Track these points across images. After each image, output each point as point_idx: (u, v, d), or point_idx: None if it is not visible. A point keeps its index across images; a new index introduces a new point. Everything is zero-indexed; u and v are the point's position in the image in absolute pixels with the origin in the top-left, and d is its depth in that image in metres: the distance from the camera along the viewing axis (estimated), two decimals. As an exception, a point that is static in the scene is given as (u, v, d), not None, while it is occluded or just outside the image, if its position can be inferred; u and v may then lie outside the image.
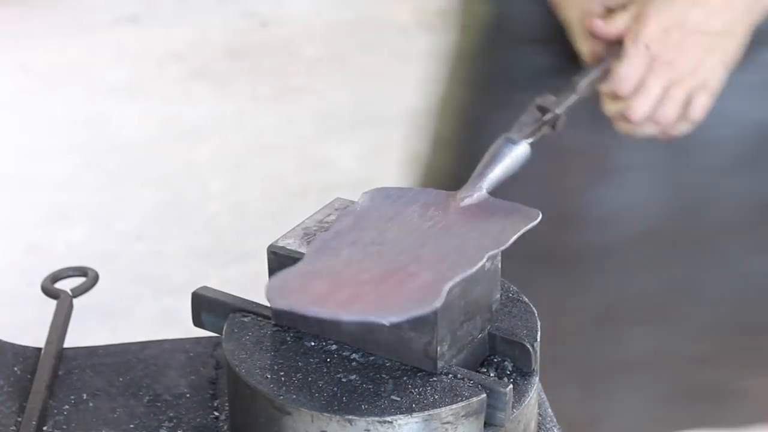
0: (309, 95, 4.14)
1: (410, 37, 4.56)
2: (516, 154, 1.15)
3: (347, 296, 0.95)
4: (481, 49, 1.62)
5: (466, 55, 1.65)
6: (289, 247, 1.02)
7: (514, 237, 1.01)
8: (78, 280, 1.25)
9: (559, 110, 1.24)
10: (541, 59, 1.53)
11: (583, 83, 1.30)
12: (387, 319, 0.93)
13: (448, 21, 1.66)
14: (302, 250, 1.01)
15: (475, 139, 1.50)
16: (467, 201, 1.08)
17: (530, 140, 1.17)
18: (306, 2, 4.86)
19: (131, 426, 1.08)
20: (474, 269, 0.97)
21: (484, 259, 0.98)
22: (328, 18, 4.72)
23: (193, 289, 1.08)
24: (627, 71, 1.32)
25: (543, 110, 1.22)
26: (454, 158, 1.69)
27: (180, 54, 4.45)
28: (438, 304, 0.93)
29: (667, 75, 1.34)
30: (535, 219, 1.04)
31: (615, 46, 1.35)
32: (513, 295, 1.07)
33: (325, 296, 0.95)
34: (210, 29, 4.65)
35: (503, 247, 1.00)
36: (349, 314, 0.94)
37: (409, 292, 0.95)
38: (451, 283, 0.95)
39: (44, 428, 1.07)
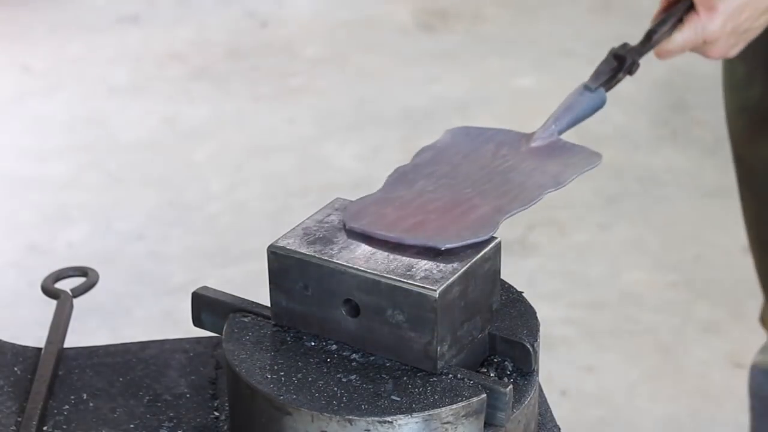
0: (309, 95, 4.14)
1: (410, 37, 4.56)
2: (591, 100, 1.25)
3: (413, 223, 1.03)
4: None
5: None
6: (289, 247, 1.02)
7: (573, 178, 1.10)
8: (78, 280, 1.26)
9: (636, 57, 1.32)
10: None
11: (659, 33, 1.38)
12: (444, 245, 1.00)
13: None
14: (302, 250, 1.01)
15: None
16: (538, 142, 1.17)
17: (606, 88, 1.27)
18: (306, 2, 4.86)
19: (131, 426, 1.08)
20: (530, 205, 1.06)
21: (542, 197, 1.07)
22: (328, 18, 4.72)
23: (193, 289, 1.08)
24: (675, 48, 1.40)
25: (619, 59, 1.30)
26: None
27: (180, 54, 4.45)
28: (492, 233, 1.02)
29: (703, 55, 1.44)
30: (597, 162, 1.14)
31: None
32: (513, 295, 1.07)
33: (393, 222, 1.04)
34: (210, 29, 4.65)
35: (561, 187, 1.09)
36: (412, 239, 1.01)
37: (468, 222, 1.03)
38: (507, 216, 1.04)
39: (44, 428, 1.07)
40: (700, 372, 2.81)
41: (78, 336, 1.24)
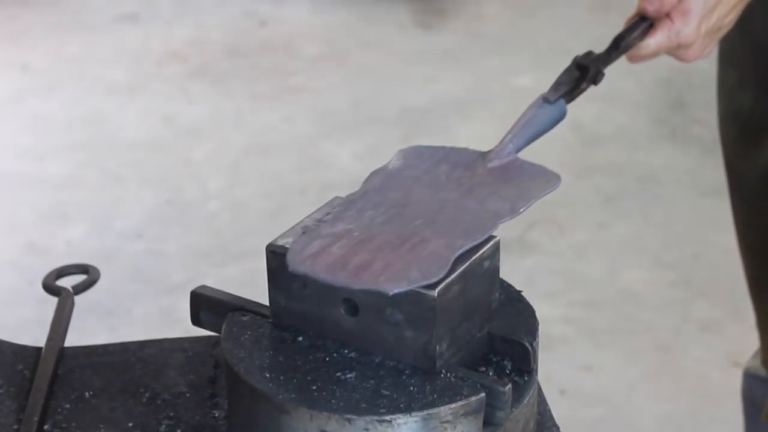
0: (308, 94, 4.14)
1: (409, 36, 4.55)
2: (551, 113, 1.18)
3: (359, 264, 0.98)
4: None
5: None
6: (288, 246, 1.02)
7: (529, 204, 1.05)
8: (79, 278, 1.26)
9: (601, 66, 1.25)
10: None
11: (627, 39, 1.31)
12: (391, 290, 0.95)
13: None
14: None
15: None
16: (495, 162, 1.11)
17: (567, 99, 1.20)
18: (305, 1, 4.85)
19: (130, 425, 1.08)
20: (484, 237, 1.01)
21: (497, 227, 1.02)
22: (328, 17, 4.72)
23: (191, 288, 1.08)
24: (648, 54, 1.34)
25: (582, 68, 1.23)
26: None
27: (179, 53, 4.45)
28: (442, 274, 0.96)
29: (678, 59, 1.39)
30: (555, 185, 1.07)
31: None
32: (512, 294, 1.07)
33: (338, 262, 0.98)
34: (209, 28, 4.64)
35: (517, 215, 1.04)
36: (357, 283, 0.96)
37: (417, 261, 0.98)
38: (459, 252, 0.98)
39: (44, 427, 1.07)
40: (699, 371, 2.81)
41: (77, 335, 1.24)
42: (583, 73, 1.23)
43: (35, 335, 1.39)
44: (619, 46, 1.30)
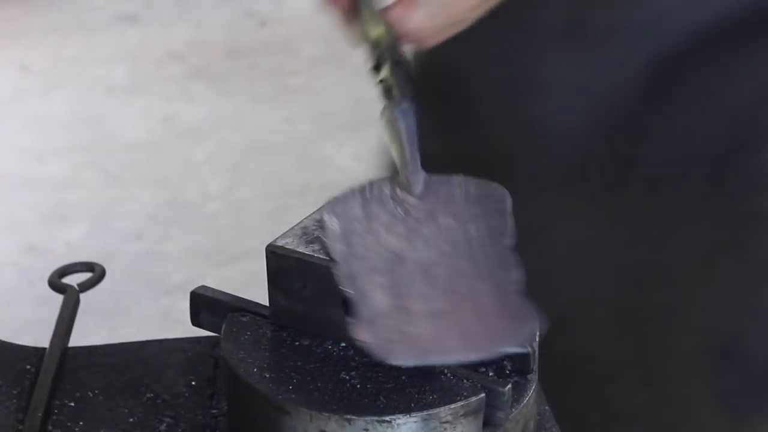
0: (308, 94, 4.14)
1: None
2: (411, 117, 1.06)
3: (451, 333, 0.92)
4: None
5: None
6: (287, 247, 1.02)
7: (509, 222, 0.98)
8: (84, 276, 1.26)
9: (393, 55, 1.11)
10: None
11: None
12: (514, 348, 0.92)
13: None
14: (301, 249, 1.01)
15: None
16: (419, 186, 1.04)
17: (406, 97, 1.07)
18: (305, 1, 4.86)
19: (129, 423, 1.08)
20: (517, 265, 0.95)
21: (511, 244, 0.96)
22: (327, 17, 4.73)
23: (191, 289, 1.08)
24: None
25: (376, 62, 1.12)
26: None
27: (179, 53, 4.45)
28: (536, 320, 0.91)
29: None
30: (508, 199, 0.99)
31: None
32: (512, 294, 1.07)
33: (430, 340, 0.92)
34: (209, 29, 4.65)
35: (510, 230, 0.97)
36: (470, 354, 0.92)
37: (499, 315, 0.92)
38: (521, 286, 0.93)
39: (47, 427, 1.07)
40: (698, 371, 2.81)
41: (76, 335, 1.24)
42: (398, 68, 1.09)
43: (35, 336, 1.39)
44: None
